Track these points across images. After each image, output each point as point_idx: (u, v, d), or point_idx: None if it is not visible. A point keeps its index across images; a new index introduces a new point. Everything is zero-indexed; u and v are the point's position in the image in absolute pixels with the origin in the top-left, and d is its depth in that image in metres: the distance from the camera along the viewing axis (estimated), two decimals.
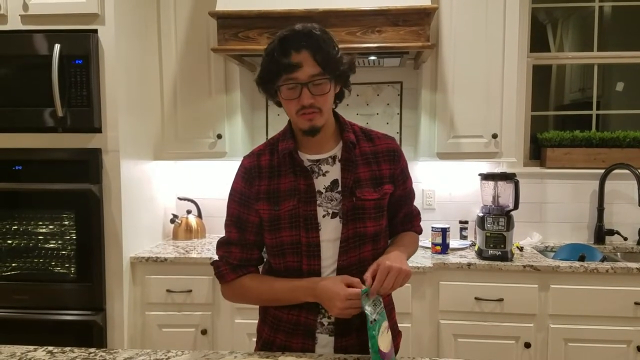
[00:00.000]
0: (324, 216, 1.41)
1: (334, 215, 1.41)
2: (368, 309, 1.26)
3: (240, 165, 1.49)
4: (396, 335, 1.54)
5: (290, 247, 1.41)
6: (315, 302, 1.37)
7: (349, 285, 1.31)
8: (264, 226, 1.44)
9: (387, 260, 1.31)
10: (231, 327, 2.63)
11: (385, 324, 1.31)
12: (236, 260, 1.47)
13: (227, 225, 1.49)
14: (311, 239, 1.39)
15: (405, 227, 1.59)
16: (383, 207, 1.46)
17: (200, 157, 2.95)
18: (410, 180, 1.57)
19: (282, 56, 1.30)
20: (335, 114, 1.48)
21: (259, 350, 1.52)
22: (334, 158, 1.44)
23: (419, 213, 1.64)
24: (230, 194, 1.48)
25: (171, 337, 2.65)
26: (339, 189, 1.42)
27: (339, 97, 1.45)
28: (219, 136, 2.86)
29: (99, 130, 2.50)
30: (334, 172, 1.43)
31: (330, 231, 1.40)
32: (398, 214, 1.55)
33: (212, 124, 2.88)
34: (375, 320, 1.26)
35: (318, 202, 1.41)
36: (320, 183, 1.42)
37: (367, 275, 1.30)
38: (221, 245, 1.49)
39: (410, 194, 1.58)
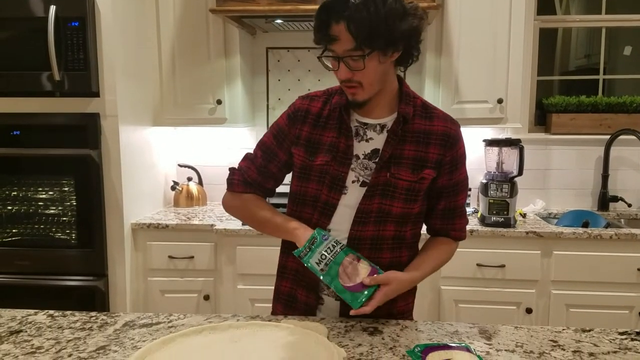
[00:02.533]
0: (353, 182, 1.37)
1: (363, 184, 1.37)
2: (313, 262, 1.26)
3: (292, 104, 1.47)
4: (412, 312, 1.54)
5: (311, 200, 1.40)
6: None
7: None
8: (294, 172, 1.44)
9: (394, 288, 1.31)
10: (233, 293, 2.64)
11: (349, 258, 1.29)
12: (250, 178, 1.47)
13: (258, 147, 1.49)
14: (331, 199, 1.37)
15: (444, 225, 1.47)
16: (418, 191, 1.37)
17: (200, 124, 2.91)
18: (461, 173, 1.44)
19: (320, 26, 1.25)
20: (401, 81, 1.40)
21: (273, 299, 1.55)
22: (382, 127, 1.38)
23: (464, 215, 1.50)
24: (271, 126, 1.49)
25: (174, 302, 2.66)
26: (377, 159, 1.36)
27: (402, 63, 1.34)
28: (219, 102, 2.81)
29: (96, 94, 2.46)
30: (378, 141, 1.37)
31: (355, 198, 1.37)
32: (438, 205, 1.44)
33: (211, 90, 2.83)
34: (324, 269, 1.26)
35: (352, 166, 1.37)
36: (361, 148, 1.37)
37: (367, 281, 1.28)
38: (246, 159, 1.50)
39: (457, 188, 1.44)
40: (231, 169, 1.50)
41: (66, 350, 1.15)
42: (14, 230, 2.59)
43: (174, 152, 3.21)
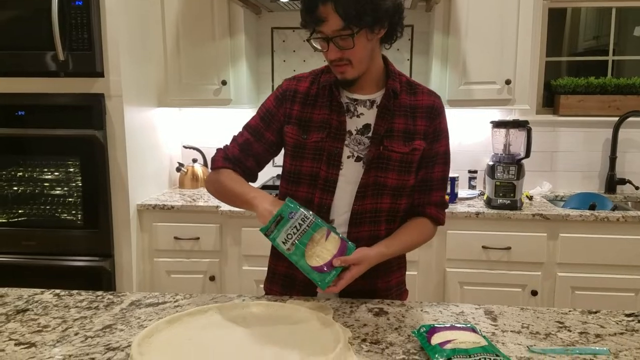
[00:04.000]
0: (348, 157, 1.39)
1: (358, 159, 1.39)
2: (280, 241, 1.22)
3: (279, 86, 1.48)
4: (402, 293, 1.53)
5: (308, 178, 1.40)
6: (327, 215, 1.39)
7: None
8: (287, 151, 1.44)
9: (363, 269, 1.28)
10: (238, 274, 2.64)
11: (318, 235, 1.24)
12: (231, 154, 1.47)
13: (244, 129, 1.49)
14: (330, 174, 1.38)
15: (421, 198, 1.44)
16: (411, 162, 1.39)
17: (205, 105, 2.89)
18: (441, 145, 1.43)
19: (307, 9, 1.26)
20: (386, 60, 1.43)
21: (267, 279, 1.55)
22: (372, 102, 1.40)
23: (441, 192, 1.46)
24: (259, 108, 1.49)
25: (179, 283, 2.67)
26: (370, 134, 1.39)
27: (387, 39, 1.37)
28: (224, 82, 2.79)
29: (101, 74, 2.44)
30: (369, 116, 1.40)
31: (350, 173, 1.38)
32: (417, 175, 1.43)
33: (216, 70, 2.80)
34: (291, 248, 1.22)
35: (346, 142, 1.38)
36: (353, 124, 1.39)
37: (337, 262, 1.24)
38: (232, 139, 1.50)
39: (436, 159, 1.43)
40: (217, 149, 1.51)
41: (72, 329, 1.15)
42: (20, 211, 2.60)
43: (179, 134, 3.20)
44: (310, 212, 1.26)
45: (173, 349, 1.04)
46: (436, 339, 1.06)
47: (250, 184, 1.49)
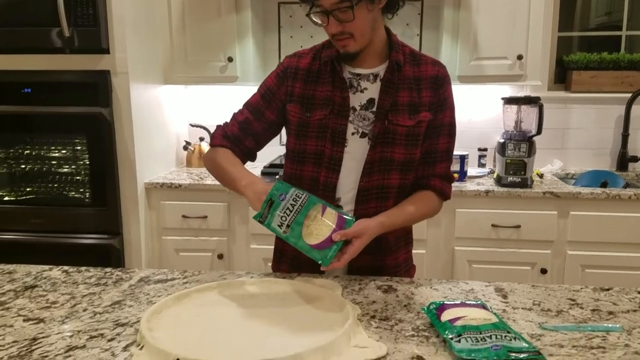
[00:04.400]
0: (352, 134, 1.36)
1: (363, 135, 1.36)
2: (275, 225, 1.18)
3: (280, 63, 1.45)
4: (410, 269, 1.51)
5: (312, 157, 1.38)
6: (333, 194, 1.37)
7: None
8: (290, 130, 1.41)
9: (366, 240, 1.24)
10: (247, 252, 2.65)
11: (313, 212, 1.20)
12: (230, 132, 1.44)
13: (244, 107, 1.46)
14: (335, 152, 1.35)
15: (425, 170, 1.41)
16: (417, 135, 1.36)
17: (211, 82, 2.87)
18: (445, 116, 1.39)
19: None
20: (388, 31, 1.39)
21: (275, 259, 1.53)
22: (375, 76, 1.37)
23: (446, 164, 1.42)
24: (260, 85, 1.46)
25: (188, 261, 2.68)
26: (374, 109, 1.35)
27: (389, 9, 1.32)
28: (230, 59, 2.76)
29: (106, 51, 2.42)
30: (373, 90, 1.36)
31: (355, 150, 1.36)
32: (421, 146, 1.39)
33: (222, 46, 2.77)
34: (287, 231, 1.18)
35: (350, 118, 1.35)
36: (357, 99, 1.36)
37: (337, 237, 1.19)
38: (232, 116, 1.47)
39: (440, 130, 1.39)
40: (217, 126, 1.48)
41: (81, 305, 1.15)
42: (28, 189, 2.60)
43: (186, 112, 3.18)
44: (302, 190, 1.21)
45: (182, 325, 1.04)
46: (446, 316, 1.05)
47: (250, 163, 1.47)
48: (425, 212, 1.42)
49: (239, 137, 1.43)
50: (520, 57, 2.59)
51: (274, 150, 2.67)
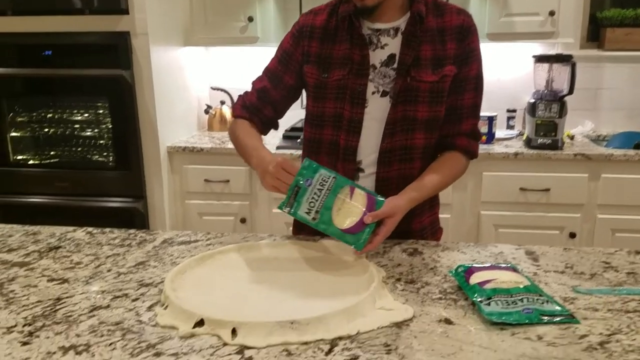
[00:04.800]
0: (373, 93, 1.29)
1: (384, 94, 1.29)
2: (302, 213, 1.11)
3: (295, 23, 1.39)
4: (436, 232, 1.47)
5: (332, 120, 1.32)
6: (353, 157, 1.31)
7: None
8: (309, 92, 1.36)
9: (398, 219, 1.17)
10: (269, 216, 2.64)
11: (341, 196, 1.13)
12: (249, 102, 1.41)
13: (263, 73, 1.42)
14: (355, 114, 1.30)
15: (451, 128, 1.34)
16: (442, 91, 1.29)
17: (231, 43, 2.82)
18: (471, 69, 1.30)
19: None
20: None
21: (295, 224, 1.50)
22: (396, 30, 1.29)
23: (473, 120, 1.35)
24: (277, 49, 1.41)
25: (211, 224, 2.69)
26: (395, 65, 1.28)
27: None
28: (250, 19, 2.69)
29: (126, 11, 2.38)
30: (394, 45, 1.29)
31: (376, 110, 1.30)
32: (446, 102, 1.31)
33: (242, 6, 2.70)
34: (316, 217, 1.11)
35: (370, 77, 1.29)
36: (377, 56, 1.29)
37: (369, 219, 1.13)
38: (252, 84, 1.43)
39: (465, 84, 1.31)
40: (238, 95, 1.44)
41: (105, 265, 1.15)
42: (52, 153, 2.62)
43: (206, 74, 3.14)
44: (329, 171, 1.15)
45: (205, 286, 1.03)
46: (475, 279, 1.02)
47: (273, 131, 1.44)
48: (453, 176, 1.37)
49: (257, 106, 1.39)
50: (552, 13, 2.48)
51: (295, 114, 2.63)
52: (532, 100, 2.50)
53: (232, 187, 2.64)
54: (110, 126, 2.53)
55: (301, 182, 1.12)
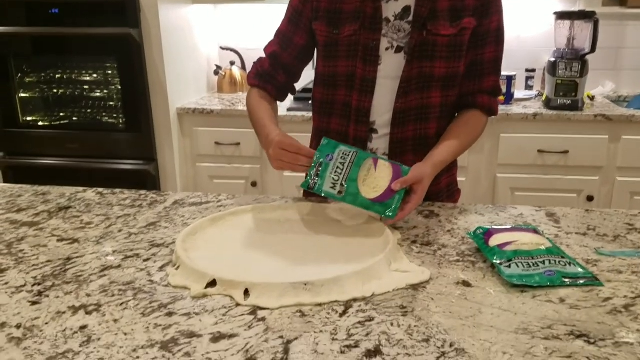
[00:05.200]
0: (387, 49, 1.22)
1: (398, 50, 1.22)
2: (327, 188, 1.06)
3: None
4: (454, 193, 1.42)
5: (344, 79, 1.26)
6: (366, 119, 1.26)
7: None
8: (319, 52, 1.30)
9: (426, 186, 1.12)
10: (280, 180, 2.61)
11: (366, 166, 1.10)
12: (262, 69, 1.36)
13: (275, 34, 1.37)
14: (368, 72, 1.23)
15: (471, 86, 1.28)
16: (461, 45, 1.21)
17: (240, 0, 2.73)
18: (492, 21, 1.22)
19: None
20: None
21: None
22: None
23: (494, 77, 1.28)
24: (287, 8, 1.35)
25: (222, 188, 2.67)
26: (410, 18, 1.20)
27: None
28: None
29: None
30: None
31: (390, 67, 1.23)
32: (465, 58, 1.25)
33: None
34: (342, 190, 1.07)
35: (383, 31, 1.22)
36: (390, 9, 1.21)
37: (397, 186, 1.08)
38: (265, 50, 1.38)
39: (486, 38, 1.23)
40: (253, 63, 1.39)
41: (116, 226, 1.13)
42: (61, 114, 2.60)
43: (216, 34, 3.07)
44: (349, 146, 1.11)
45: (216, 246, 1.01)
46: (494, 241, 0.98)
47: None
48: (475, 137, 1.31)
49: (270, 73, 1.35)
50: None
51: (307, 74, 2.57)
52: (553, 59, 2.41)
53: (242, 150, 2.60)
54: (119, 87, 2.49)
55: (322, 158, 1.08)
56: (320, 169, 1.08)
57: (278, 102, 1.42)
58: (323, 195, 1.07)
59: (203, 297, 0.83)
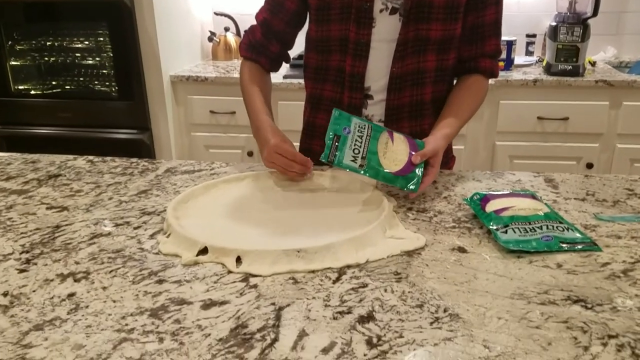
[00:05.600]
0: (381, 11, 1.18)
1: (393, 11, 1.17)
2: (348, 161, 1.02)
3: None
4: (448, 161, 1.39)
5: (337, 43, 1.22)
6: (360, 85, 1.23)
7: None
8: (311, 16, 1.26)
9: (440, 156, 1.10)
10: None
11: (383, 139, 1.08)
12: (254, 40, 1.32)
13: (265, 1, 1.32)
14: (361, 36, 1.19)
15: (473, 49, 1.24)
16: (457, 7, 1.16)
17: None
18: None
19: None
20: None
21: (302, 134, 1.43)
22: None
23: (495, 39, 1.24)
24: None
25: (218, 157, 2.64)
26: None
27: None
28: None
29: None
30: None
31: (385, 30, 1.18)
32: (465, 21, 1.20)
33: None
34: (363, 164, 1.04)
35: None
36: None
37: (417, 159, 1.06)
38: (256, 17, 1.33)
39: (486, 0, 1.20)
40: (244, 31, 1.34)
41: (106, 193, 1.11)
42: (53, 82, 2.55)
43: None
44: (361, 119, 1.09)
45: (208, 214, 0.99)
46: (491, 207, 0.97)
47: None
48: (479, 103, 1.28)
49: (262, 43, 1.30)
50: None
51: (303, 41, 2.53)
52: (554, 23, 2.36)
53: (238, 119, 2.57)
54: (111, 54, 2.44)
55: (339, 131, 1.05)
56: (339, 140, 1.05)
57: (272, 73, 1.38)
58: (343, 168, 1.04)
59: (194, 264, 0.82)
